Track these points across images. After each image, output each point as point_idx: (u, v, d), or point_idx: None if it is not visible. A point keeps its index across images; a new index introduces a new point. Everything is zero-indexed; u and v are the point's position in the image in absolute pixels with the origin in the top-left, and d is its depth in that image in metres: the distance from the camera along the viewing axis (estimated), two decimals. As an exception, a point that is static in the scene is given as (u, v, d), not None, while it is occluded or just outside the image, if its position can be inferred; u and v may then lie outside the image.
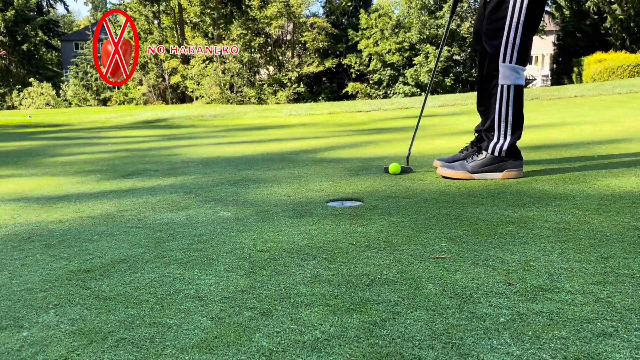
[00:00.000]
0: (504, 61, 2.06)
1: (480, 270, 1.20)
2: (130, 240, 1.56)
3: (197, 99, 26.86)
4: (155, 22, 28.11)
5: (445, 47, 25.55)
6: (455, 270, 1.21)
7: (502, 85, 2.09)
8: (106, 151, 3.82)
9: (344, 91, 28.24)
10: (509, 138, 2.14)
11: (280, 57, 29.53)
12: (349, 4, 30.27)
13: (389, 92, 27.15)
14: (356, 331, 0.93)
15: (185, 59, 27.75)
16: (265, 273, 1.24)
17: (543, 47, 30.92)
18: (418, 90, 25.76)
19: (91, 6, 51.30)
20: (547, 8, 25.92)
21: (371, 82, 27.86)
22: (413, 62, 25.83)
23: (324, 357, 0.86)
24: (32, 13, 38.19)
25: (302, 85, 28.30)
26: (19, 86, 33.14)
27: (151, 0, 27.54)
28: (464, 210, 1.73)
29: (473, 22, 25.88)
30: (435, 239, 1.43)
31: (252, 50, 28.31)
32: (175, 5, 28.09)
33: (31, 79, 31.14)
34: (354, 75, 28.66)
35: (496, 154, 2.14)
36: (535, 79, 28.61)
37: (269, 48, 29.24)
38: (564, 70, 24.27)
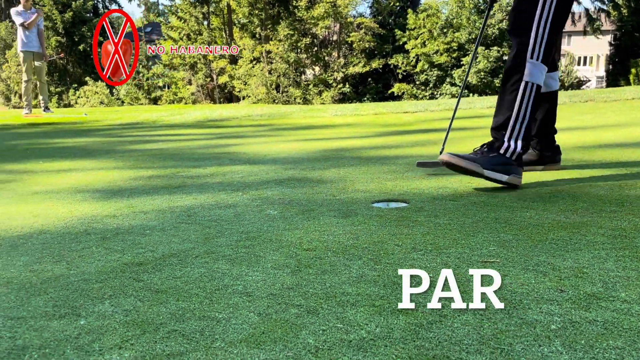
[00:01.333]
0: (531, 57, 1.97)
1: (530, 276, 1.17)
2: (180, 235, 1.60)
3: (243, 98, 27.30)
4: (205, 23, 28.75)
5: (495, 47, 25.00)
6: (504, 275, 1.18)
7: (527, 82, 1.99)
8: (157, 149, 3.94)
9: (389, 92, 28.02)
10: (519, 143, 2.02)
11: (326, 58, 29.62)
12: (397, 4, 30.02)
13: (435, 93, 26.78)
14: (402, 332, 0.93)
15: (233, 59, 28.25)
16: (311, 271, 1.25)
17: (598, 47, 29.72)
18: (466, 91, 25.26)
19: (144, 8, 52.93)
20: (603, 7, 24.87)
21: (417, 82, 27.55)
22: (461, 63, 25.39)
23: (370, 357, 0.86)
24: (88, 15, 39.76)
25: (347, 86, 28.29)
26: (75, 85, 34.59)
27: (201, 2, 28.19)
28: (514, 214, 1.69)
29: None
30: (484, 243, 1.41)
31: (299, 50, 28.53)
32: (224, 7, 28.62)
33: (87, 79, 32.42)
34: (400, 76, 28.40)
35: (508, 155, 2.03)
36: (589, 80, 27.55)
37: (315, 48, 29.38)
38: (620, 71, 23.26)
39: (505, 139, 2.02)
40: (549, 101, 2.34)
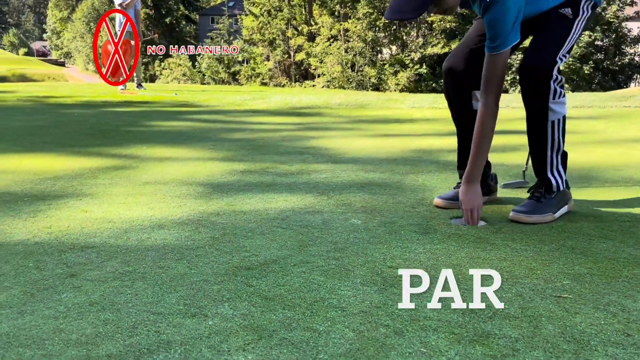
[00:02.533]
0: (553, 98, 1.95)
1: (600, 316, 1.28)
2: (277, 240, 1.82)
3: (318, 76, 27.54)
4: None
5: (587, 32, 23.58)
6: (575, 312, 1.30)
7: (553, 121, 1.99)
8: (246, 139, 4.21)
9: (468, 75, 27.17)
10: (562, 170, 2.07)
11: (404, 37, 29.10)
12: (482, -17, 28.81)
13: (517, 77, 25.70)
14: (478, 363, 1.08)
15: (311, 36, 28.45)
16: (395, 291, 1.42)
17: None
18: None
19: (227, -18, 54.06)
20: None
21: (498, 66, 26.50)
22: (547, 48, 24.17)
23: (450, 382, 1.02)
24: (175, -12, 41.20)
25: (424, 67, 27.75)
26: (161, 57, 36.24)
27: (283, -22, 28.43)
28: (590, 244, 1.77)
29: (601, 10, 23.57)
30: (558, 275, 1.51)
31: (377, 29, 28.24)
32: (305, -17, 28.71)
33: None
34: (480, 59, 27.44)
35: (561, 189, 2.08)
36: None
37: (394, 27, 28.95)
38: None
39: (549, 175, 2.07)
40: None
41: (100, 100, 7.30)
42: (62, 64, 55.28)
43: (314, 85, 27.27)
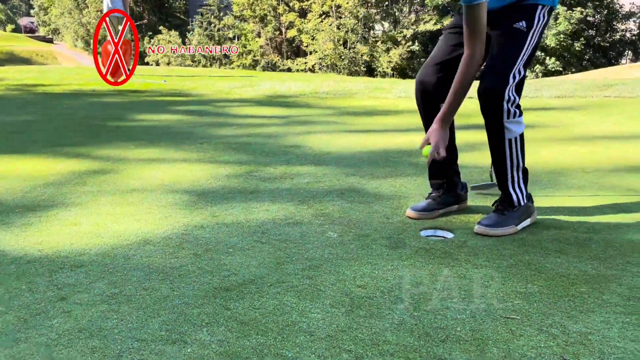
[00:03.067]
0: (507, 118, 2.04)
1: (541, 338, 1.41)
2: (256, 257, 1.94)
3: (310, 54, 27.37)
4: (276, -25, 28.59)
5: (578, 9, 23.53)
6: (520, 334, 1.43)
7: (510, 140, 2.09)
8: (232, 136, 4.30)
9: (460, 52, 27.01)
10: (523, 186, 2.18)
11: (396, 13, 28.89)
12: (475, -42, 28.46)
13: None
14: (426, 389, 1.22)
15: (303, 13, 28.16)
16: (361, 313, 1.55)
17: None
18: (542, 54, 24.10)
19: (217, -45, 52.97)
20: None
21: (490, 43, 26.40)
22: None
23: (399, 409, 1.16)
24: (164, -38, 40.30)
25: (417, 44, 27.63)
26: (150, 33, 35.75)
27: (273, -47, 27.96)
28: (546, 259, 1.90)
29: None
30: (511, 294, 1.65)
31: (369, 5, 27.99)
32: (296, -42, 28.28)
33: (161, 27, 33.37)
34: (472, 35, 27.27)
35: (522, 203, 2.19)
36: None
37: (386, 3, 28.72)
38: None
39: (511, 190, 2.18)
40: (451, 134, 2.27)
41: (88, 88, 7.32)
42: (51, 41, 54.35)
43: (305, 63, 27.11)
